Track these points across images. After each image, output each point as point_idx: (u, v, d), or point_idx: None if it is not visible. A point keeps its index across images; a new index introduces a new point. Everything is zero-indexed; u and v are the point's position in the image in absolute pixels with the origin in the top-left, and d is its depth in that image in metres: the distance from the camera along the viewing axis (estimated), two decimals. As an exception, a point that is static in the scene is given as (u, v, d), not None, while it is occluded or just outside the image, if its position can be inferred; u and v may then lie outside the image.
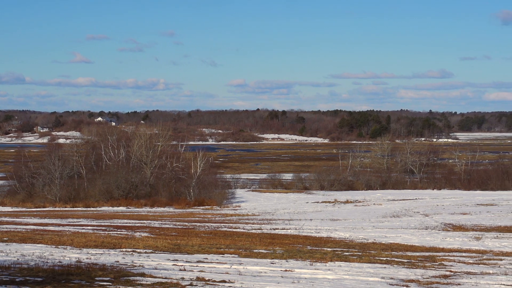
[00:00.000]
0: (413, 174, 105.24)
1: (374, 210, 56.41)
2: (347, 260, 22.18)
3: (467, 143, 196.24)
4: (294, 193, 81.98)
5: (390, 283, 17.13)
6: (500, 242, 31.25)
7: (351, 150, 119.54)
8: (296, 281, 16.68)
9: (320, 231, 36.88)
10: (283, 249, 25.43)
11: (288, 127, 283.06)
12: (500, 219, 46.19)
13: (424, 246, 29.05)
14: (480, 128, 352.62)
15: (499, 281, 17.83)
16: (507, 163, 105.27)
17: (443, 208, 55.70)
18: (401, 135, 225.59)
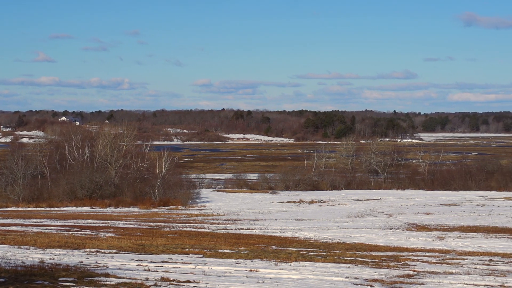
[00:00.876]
0: (378, 174, 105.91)
1: (339, 210, 56.65)
2: (312, 260, 22.23)
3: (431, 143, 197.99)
4: (259, 193, 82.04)
5: (354, 282, 17.20)
6: (462, 242, 31.55)
7: (316, 150, 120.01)
8: (261, 281, 16.69)
9: (285, 231, 36.93)
10: (248, 249, 25.43)
11: (253, 127, 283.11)
12: (463, 219, 46.66)
13: (388, 246, 29.23)
14: (443, 128, 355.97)
15: (462, 280, 17.99)
16: (470, 163, 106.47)
17: (407, 208, 56.11)
18: (365, 136, 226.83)
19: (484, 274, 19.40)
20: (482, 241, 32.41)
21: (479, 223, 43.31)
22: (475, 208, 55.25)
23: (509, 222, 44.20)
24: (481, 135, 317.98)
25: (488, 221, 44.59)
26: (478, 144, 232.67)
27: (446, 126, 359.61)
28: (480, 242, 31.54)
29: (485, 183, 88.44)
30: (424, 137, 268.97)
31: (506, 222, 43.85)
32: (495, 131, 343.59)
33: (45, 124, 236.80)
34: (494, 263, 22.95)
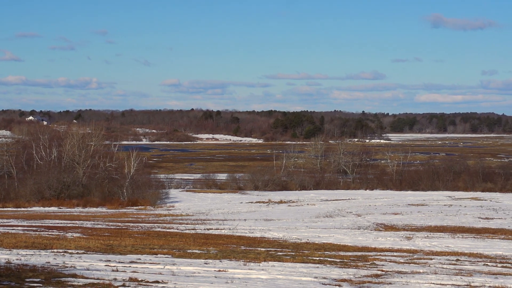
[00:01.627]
0: (346, 175, 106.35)
1: (308, 210, 56.79)
2: (281, 260, 22.25)
3: (399, 144, 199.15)
4: (228, 193, 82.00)
5: (322, 282, 17.24)
6: (430, 242, 31.79)
7: (285, 151, 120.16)
8: (230, 281, 16.67)
9: (254, 231, 36.95)
10: (217, 249, 25.39)
11: (222, 127, 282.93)
12: (430, 219, 47.01)
13: (357, 246, 29.35)
14: (411, 129, 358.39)
15: (429, 280, 18.12)
16: (437, 163, 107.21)
17: (375, 208, 56.41)
18: (334, 136, 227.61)
19: (451, 274, 19.55)
20: (449, 241, 32.68)
21: (446, 223, 43.68)
22: (442, 208, 55.70)
23: (476, 222, 44.62)
24: (448, 136, 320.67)
25: (455, 221, 44.98)
26: (445, 144, 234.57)
27: (414, 126, 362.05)
28: (447, 242, 31.81)
29: (452, 184, 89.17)
30: (392, 137, 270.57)
31: (472, 222, 44.26)
32: (462, 131, 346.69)
33: (12, 124, 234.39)
34: (461, 262, 23.15)
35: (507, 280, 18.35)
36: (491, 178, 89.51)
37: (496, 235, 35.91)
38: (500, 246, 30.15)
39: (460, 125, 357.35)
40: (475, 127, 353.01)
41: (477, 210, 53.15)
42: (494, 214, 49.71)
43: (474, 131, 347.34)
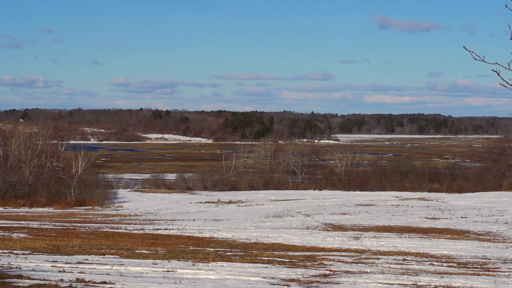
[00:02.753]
0: (295, 175, 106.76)
1: (257, 210, 56.88)
2: (230, 260, 22.24)
3: (348, 144, 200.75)
4: (177, 193, 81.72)
5: (271, 282, 17.27)
6: (377, 242, 32.08)
7: (234, 151, 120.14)
8: (178, 282, 16.60)
9: (203, 231, 36.88)
10: (165, 249, 25.28)
11: (171, 127, 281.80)
12: (378, 219, 47.47)
13: (305, 246, 29.48)
14: (360, 130, 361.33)
15: (376, 279, 18.27)
16: (385, 164, 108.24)
17: (324, 209, 56.75)
18: (283, 136, 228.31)
19: (398, 273, 19.75)
20: (396, 240, 33.03)
21: (394, 223, 44.14)
22: (390, 208, 56.28)
23: (422, 222, 45.18)
24: (396, 137, 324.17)
25: (402, 221, 45.48)
26: (393, 145, 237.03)
27: (362, 127, 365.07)
28: (394, 242, 32.14)
29: (400, 184, 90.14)
30: (341, 138, 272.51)
31: (419, 222, 44.80)
32: (409, 132, 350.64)
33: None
34: (408, 262, 23.40)
35: (453, 279, 18.60)
36: (437, 178, 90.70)
37: (442, 235, 36.41)
38: (446, 246, 30.57)
39: (408, 126, 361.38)
40: (422, 128, 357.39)
41: (424, 210, 53.82)
42: (440, 214, 50.39)
43: (421, 132, 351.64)
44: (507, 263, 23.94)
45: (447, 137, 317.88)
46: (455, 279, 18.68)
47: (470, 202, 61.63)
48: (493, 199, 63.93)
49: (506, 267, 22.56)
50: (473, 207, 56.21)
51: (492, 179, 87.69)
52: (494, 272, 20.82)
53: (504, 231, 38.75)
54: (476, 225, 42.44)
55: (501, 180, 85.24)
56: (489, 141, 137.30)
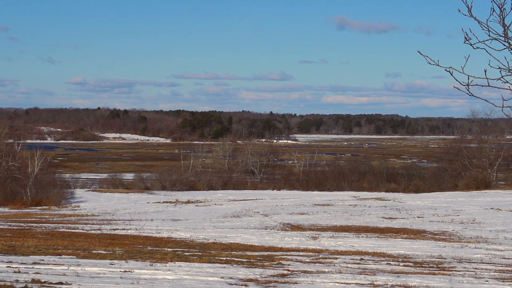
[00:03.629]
0: (254, 175, 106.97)
1: (215, 210, 56.81)
2: (188, 260, 22.17)
3: (306, 144, 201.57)
4: (135, 193, 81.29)
5: (229, 282, 17.26)
6: (335, 241, 32.24)
7: (193, 151, 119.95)
8: (136, 282, 16.50)
9: (161, 231, 36.72)
10: (123, 249, 25.11)
11: (129, 126, 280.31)
12: (335, 219, 47.70)
13: (263, 246, 29.51)
14: (318, 130, 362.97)
15: (334, 279, 18.35)
16: (343, 164, 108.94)
17: (282, 208, 56.88)
18: (242, 136, 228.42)
19: (355, 273, 19.86)
20: (353, 240, 33.22)
21: (351, 223, 44.40)
22: (347, 208, 56.60)
23: (379, 222, 45.52)
24: (354, 137, 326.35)
25: (359, 221, 45.77)
26: (351, 145, 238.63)
27: (320, 127, 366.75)
28: (352, 242, 32.32)
29: (357, 184, 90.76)
30: (299, 138, 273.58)
31: (376, 222, 45.13)
32: (367, 133, 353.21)
33: None
34: (365, 261, 23.55)
35: (409, 279, 18.76)
36: (394, 178, 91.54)
37: (399, 235, 36.72)
38: (403, 245, 30.83)
39: (365, 127, 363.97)
40: (380, 129, 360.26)
41: (381, 210, 54.23)
42: (397, 214, 50.82)
43: (379, 132, 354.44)
44: (462, 262, 24.22)
45: (404, 138, 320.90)
46: (411, 279, 18.85)
47: (426, 202, 62.26)
48: (449, 199, 64.67)
49: (461, 266, 22.83)
50: (430, 207, 56.79)
51: (448, 179, 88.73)
52: (450, 272, 21.05)
53: (459, 231, 39.21)
54: (432, 225, 42.88)
55: (457, 180, 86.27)
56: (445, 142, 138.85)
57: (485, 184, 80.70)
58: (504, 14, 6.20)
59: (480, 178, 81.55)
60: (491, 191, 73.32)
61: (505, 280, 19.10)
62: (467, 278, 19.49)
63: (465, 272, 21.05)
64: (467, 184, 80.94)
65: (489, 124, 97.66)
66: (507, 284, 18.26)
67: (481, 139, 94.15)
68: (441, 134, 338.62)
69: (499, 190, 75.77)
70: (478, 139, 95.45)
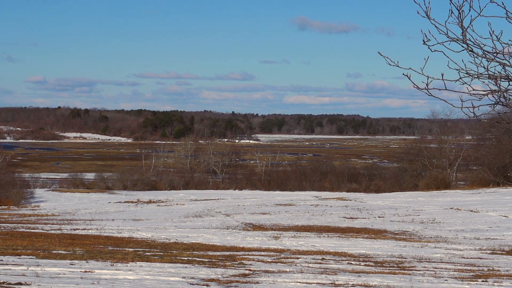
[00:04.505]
0: (216, 175, 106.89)
1: (177, 210, 56.66)
2: (149, 260, 22.08)
3: (268, 144, 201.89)
4: (96, 193, 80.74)
5: (190, 282, 17.23)
6: (297, 241, 32.33)
7: (154, 150, 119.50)
8: (96, 282, 16.40)
9: (122, 231, 36.52)
10: (83, 249, 24.94)
11: (90, 126, 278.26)
12: (297, 218, 47.84)
13: (225, 246, 29.49)
14: (280, 130, 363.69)
15: (295, 278, 18.41)
16: (304, 164, 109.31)
17: (244, 208, 56.90)
18: (204, 136, 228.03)
19: (316, 273, 19.94)
20: (315, 240, 33.35)
21: (313, 223, 44.56)
22: (309, 208, 56.79)
23: (341, 221, 45.75)
24: (315, 137, 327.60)
25: (321, 221, 45.95)
26: (313, 145, 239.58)
27: (282, 127, 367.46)
28: (313, 241, 32.44)
29: (319, 184, 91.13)
30: (261, 138, 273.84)
31: (338, 222, 45.36)
32: (328, 133, 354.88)
33: None
34: (326, 261, 23.66)
35: (369, 278, 18.89)
36: (356, 178, 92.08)
37: (360, 234, 36.94)
38: (364, 245, 31.03)
39: (327, 127, 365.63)
40: (341, 129, 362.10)
41: (342, 210, 54.51)
42: (358, 214, 51.12)
43: (340, 132, 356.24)
44: (422, 262, 24.45)
45: (366, 138, 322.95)
46: (372, 278, 18.98)
47: (387, 202, 62.72)
48: (410, 199, 65.22)
49: (421, 266, 23.04)
50: (390, 206, 57.23)
51: (409, 179, 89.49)
52: (410, 271, 21.23)
53: (420, 231, 39.57)
54: (393, 225, 43.20)
55: (417, 180, 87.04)
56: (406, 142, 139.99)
57: (445, 184, 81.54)
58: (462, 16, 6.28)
59: (440, 178, 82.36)
60: (451, 191, 74.12)
61: (464, 279, 19.32)
62: (427, 277, 19.68)
63: (425, 271, 21.25)
64: (427, 184, 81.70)
65: (448, 124, 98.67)
66: (465, 283, 18.48)
67: (441, 139, 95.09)
68: (401, 134, 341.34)
69: (459, 190, 76.61)
70: (438, 140, 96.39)
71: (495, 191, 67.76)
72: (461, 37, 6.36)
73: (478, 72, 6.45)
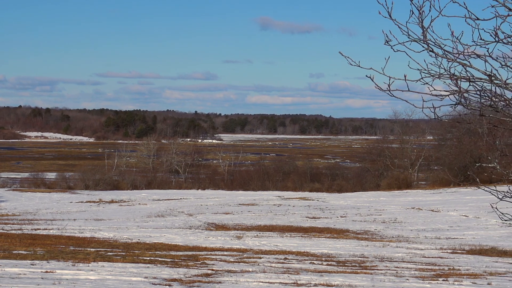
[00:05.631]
0: (179, 174, 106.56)
1: (139, 210, 56.39)
2: (111, 260, 21.96)
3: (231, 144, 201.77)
4: (58, 193, 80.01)
5: (153, 282, 17.17)
6: (259, 241, 32.36)
7: (117, 150, 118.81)
8: (57, 282, 16.27)
9: (84, 231, 36.26)
10: (44, 250, 24.71)
11: (52, 125, 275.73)
12: (260, 218, 47.88)
13: (188, 246, 29.43)
14: (243, 129, 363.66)
15: (258, 278, 18.43)
16: (267, 164, 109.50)
17: (207, 208, 56.82)
18: (167, 135, 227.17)
19: (279, 272, 19.99)
20: (278, 240, 33.41)
21: (276, 223, 44.63)
22: (272, 207, 56.87)
23: (303, 221, 45.89)
24: (278, 137, 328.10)
25: (284, 221, 46.04)
26: (275, 145, 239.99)
27: (245, 127, 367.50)
28: (276, 241, 32.50)
29: (282, 184, 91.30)
30: (224, 137, 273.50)
31: (300, 221, 45.49)
32: (291, 133, 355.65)
33: None
34: (289, 261, 23.72)
35: (332, 278, 18.98)
36: (318, 178, 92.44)
37: (322, 234, 37.09)
38: (326, 245, 31.15)
39: (290, 127, 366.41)
40: (304, 129, 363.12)
41: (305, 210, 54.68)
42: (321, 214, 51.33)
43: (303, 132, 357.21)
44: (384, 261, 24.62)
45: (328, 138, 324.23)
46: (334, 277, 19.07)
47: (349, 201, 63.06)
48: (372, 199, 65.64)
49: (383, 265, 23.21)
50: (353, 206, 57.55)
51: (371, 179, 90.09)
52: (372, 270, 21.37)
53: (381, 230, 39.85)
54: (355, 224, 43.44)
55: (379, 180, 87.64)
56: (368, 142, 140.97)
57: (407, 184, 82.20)
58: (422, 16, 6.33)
59: (402, 178, 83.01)
60: (412, 191, 74.74)
61: (425, 279, 19.50)
62: (388, 276, 19.83)
63: (387, 270, 21.40)
64: (389, 184, 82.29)
65: (410, 125, 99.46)
66: (426, 282, 18.65)
67: (403, 139, 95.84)
68: (364, 134, 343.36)
69: (420, 190, 77.27)
70: (400, 140, 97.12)
71: (456, 191, 68.46)
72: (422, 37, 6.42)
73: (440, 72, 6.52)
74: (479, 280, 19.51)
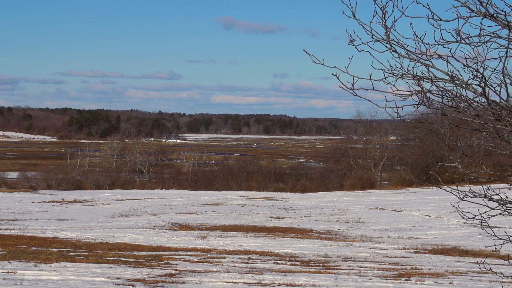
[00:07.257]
0: (142, 174, 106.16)
1: (103, 209, 56.05)
2: (73, 260, 21.79)
3: (195, 144, 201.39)
4: (20, 193, 79.19)
5: (116, 282, 17.08)
6: (223, 241, 32.34)
7: (80, 149, 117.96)
8: (19, 283, 16.11)
9: (46, 231, 35.94)
10: (5, 250, 24.44)
11: (14, 124, 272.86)
12: (224, 218, 47.87)
13: (151, 246, 29.32)
14: (207, 129, 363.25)
15: (222, 278, 18.43)
16: (232, 164, 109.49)
17: (171, 208, 56.66)
18: (130, 135, 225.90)
19: (243, 272, 19.99)
20: (242, 239, 33.42)
21: (240, 222, 44.64)
22: (236, 207, 56.88)
23: (267, 221, 45.96)
24: (243, 137, 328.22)
25: (248, 220, 46.07)
26: (240, 145, 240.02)
27: (210, 127, 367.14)
28: (240, 241, 32.50)
29: (246, 184, 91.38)
30: (188, 137, 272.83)
31: (264, 221, 45.55)
32: (256, 133, 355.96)
33: None
34: (253, 261, 23.74)
35: (296, 278, 19.03)
36: (282, 178, 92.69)
37: (286, 234, 37.17)
38: (290, 245, 31.23)
39: (254, 127, 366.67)
40: (268, 129, 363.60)
41: (269, 210, 54.76)
42: (285, 214, 51.44)
43: (267, 132, 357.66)
44: (347, 261, 24.74)
45: (292, 138, 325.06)
46: (298, 277, 19.12)
47: (313, 201, 63.28)
48: (335, 199, 65.94)
49: (347, 265, 23.32)
50: (316, 206, 57.76)
51: (335, 179, 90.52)
52: (335, 270, 21.46)
53: (345, 230, 40.04)
54: (318, 224, 43.60)
55: (343, 180, 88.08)
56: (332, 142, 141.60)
57: (370, 184, 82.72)
58: (386, 16, 6.37)
59: (365, 178, 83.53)
60: (376, 191, 75.24)
61: (387, 278, 19.64)
62: (351, 276, 19.93)
63: (350, 270, 21.51)
64: (353, 184, 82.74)
65: (373, 125, 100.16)
66: (389, 282, 18.78)
67: (366, 139, 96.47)
68: (328, 134, 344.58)
69: (383, 190, 77.82)
70: (363, 140, 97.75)
71: (419, 191, 69.05)
72: (385, 37, 6.45)
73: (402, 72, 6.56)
74: (441, 280, 19.70)
